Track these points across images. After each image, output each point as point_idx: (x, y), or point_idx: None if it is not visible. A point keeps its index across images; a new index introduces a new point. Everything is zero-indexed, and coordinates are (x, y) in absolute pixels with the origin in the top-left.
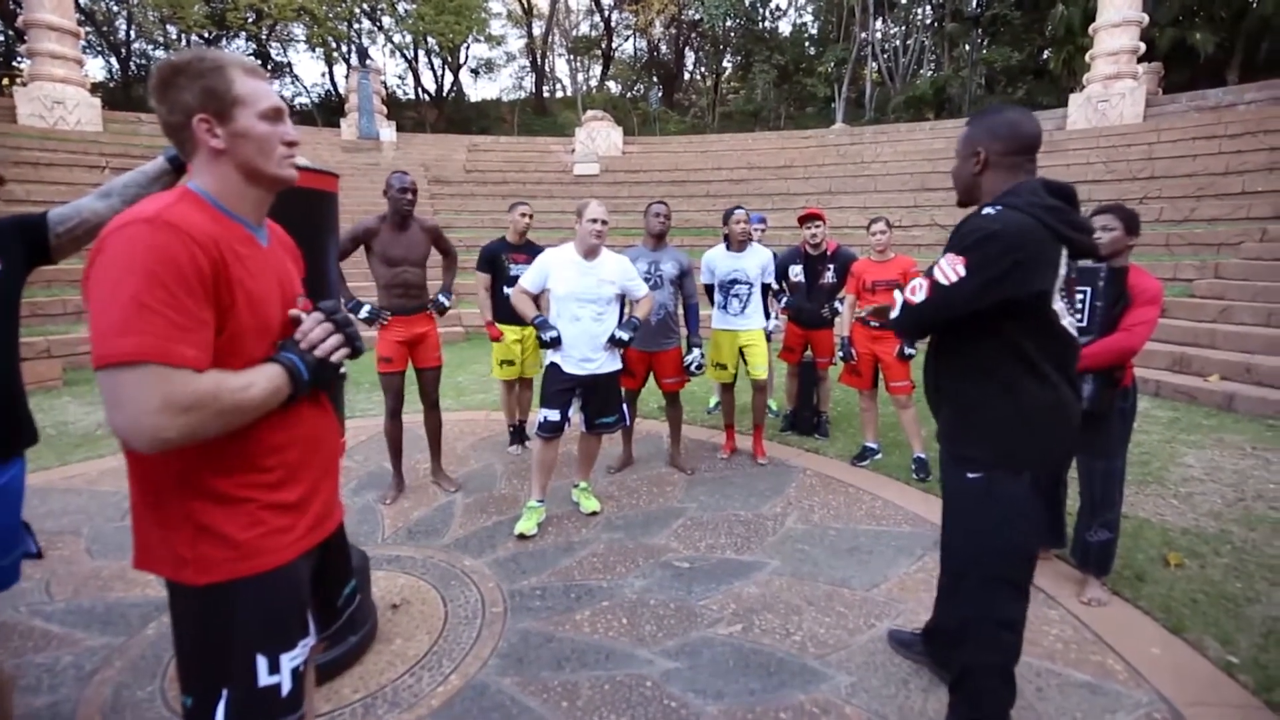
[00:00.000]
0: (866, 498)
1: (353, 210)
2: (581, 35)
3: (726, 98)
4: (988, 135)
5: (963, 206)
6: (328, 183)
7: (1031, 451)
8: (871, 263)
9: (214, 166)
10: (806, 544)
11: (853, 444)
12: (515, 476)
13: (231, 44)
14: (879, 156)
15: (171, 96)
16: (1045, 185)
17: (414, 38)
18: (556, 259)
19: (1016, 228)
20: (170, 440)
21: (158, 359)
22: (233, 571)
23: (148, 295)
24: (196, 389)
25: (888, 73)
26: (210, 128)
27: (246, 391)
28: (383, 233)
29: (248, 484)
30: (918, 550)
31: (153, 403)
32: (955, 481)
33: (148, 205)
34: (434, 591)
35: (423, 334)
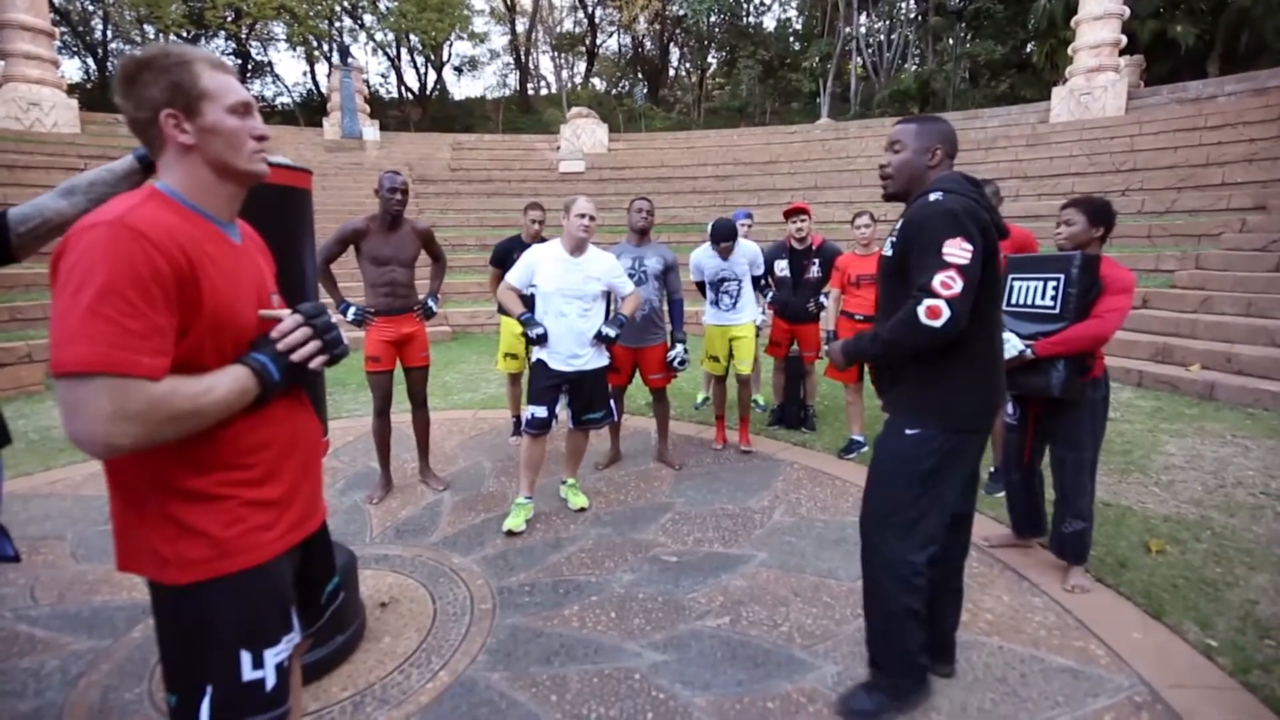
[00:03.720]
0: (853, 490)
1: (336, 210)
2: (565, 32)
3: (711, 94)
4: (942, 138)
5: (893, 199)
6: (301, 179)
7: (971, 410)
8: (856, 256)
9: (183, 163)
10: (794, 536)
11: (839, 437)
12: (503, 474)
13: (210, 43)
14: (864, 151)
15: (137, 92)
16: (964, 177)
17: (396, 36)
18: (543, 255)
19: (968, 206)
20: (123, 447)
21: (109, 369)
22: (214, 570)
23: (103, 304)
24: (149, 397)
25: (872, 67)
26: (178, 123)
27: (206, 395)
28: (372, 233)
29: (227, 481)
30: None
31: (104, 411)
32: (895, 439)
33: (113, 207)
34: (423, 590)
35: (410, 334)
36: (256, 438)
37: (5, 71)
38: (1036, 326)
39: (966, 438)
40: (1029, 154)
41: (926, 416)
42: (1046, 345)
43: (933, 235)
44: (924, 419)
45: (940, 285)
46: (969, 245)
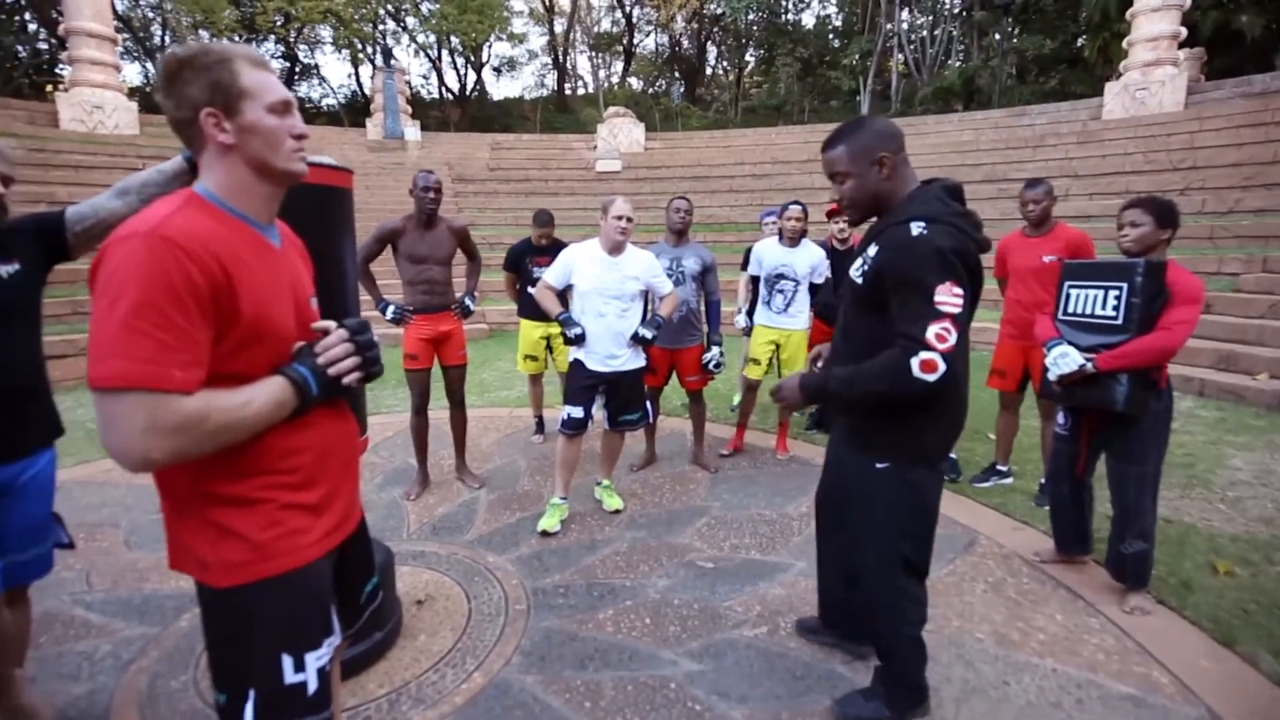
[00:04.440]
0: None
1: (378, 210)
2: (603, 31)
3: (749, 92)
4: (880, 140)
5: (861, 222)
6: (342, 179)
7: (941, 443)
8: None
9: (222, 163)
10: None
11: None
12: (538, 473)
13: (261, 47)
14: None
15: (178, 91)
16: (945, 190)
17: (437, 37)
18: (581, 254)
19: (956, 240)
20: (158, 461)
21: (144, 385)
22: (254, 573)
23: (137, 318)
24: (183, 411)
25: (914, 64)
26: (218, 122)
27: (244, 409)
28: (408, 232)
29: (265, 485)
30: (948, 553)
31: (138, 426)
32: (865, 471)
33: (149, 215)
34: (458, 588)
35: (448, 331)
36: (294, 443)
37: (72, 76)
38: (1097, 338)
39: (932, 472)
40: (1080, 152)
41: (892, 450)
42: (1109, 359)
43: (921, 278)
44: (889, 453)
45: (935, 338)
46: (960, 290)
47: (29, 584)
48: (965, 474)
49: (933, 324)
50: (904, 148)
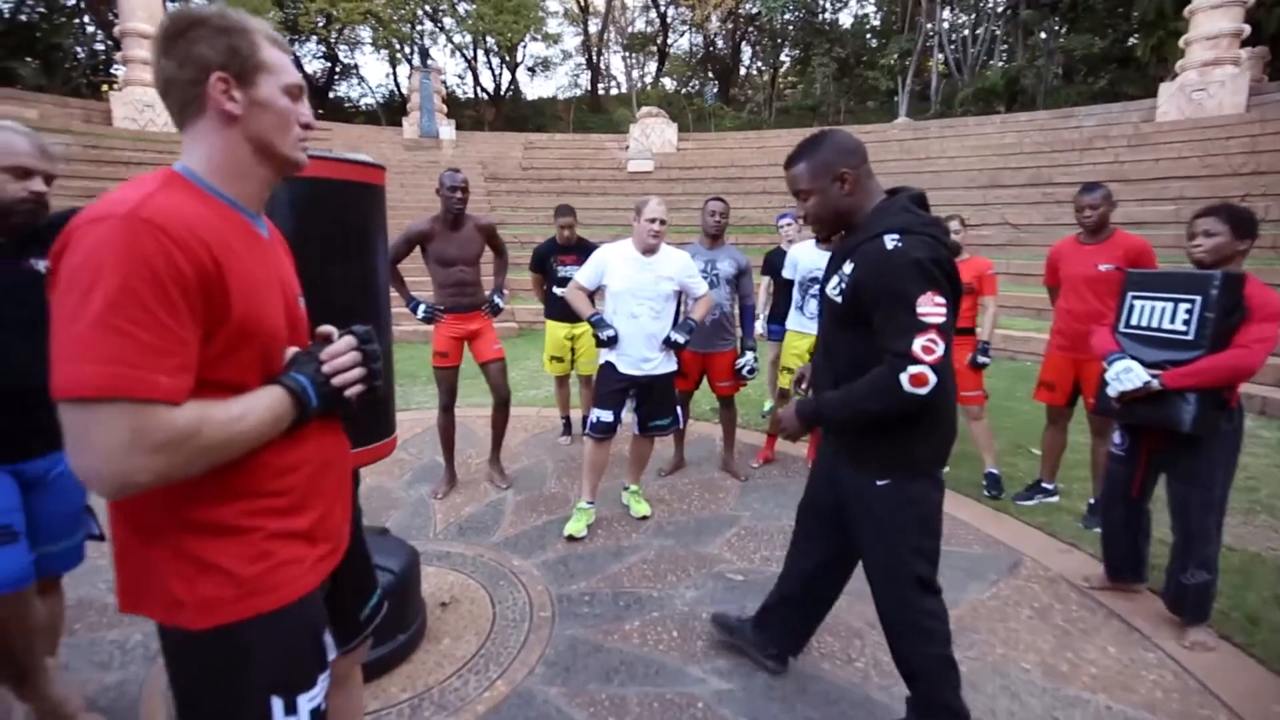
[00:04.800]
0: None
1: (412, 208)
2: (637, 32)
3: (784, 92)
4: (840, 155)
5: (829, 238)
6: (375, 175)
7: (935, 455)
8: None
9: (220, 136)
10: None
11: None
12: (565, 475)
13: (303, 48)
14: (945, 152)
15: (184, 49)
16: (911, 199)
17: (473, 37)
18: (613, 254)
19: (932, 250)
20: (141, 484)
21: (128, 394)
22: (239, 611)
23: (117, 314)
24: (173, 425)
25: (955, 64)
26: (228, 89)
27: (239, 423)
28: (436, 234)
29: (253, 511)
30: (990, 574)
31: (120, 442)
32: (865, 490)
33: (125, 195)
34: (483, 591)
35: (478, 329)
36: (285, 462)
37: (125, 76)
38: (1164, 354)
39: (931, 483)
40: (1131, 155)
41: (890, 466)
42: (1177, 376)
43: (902, 291)
44: (887, 469)
45: (923, 351)
46: (942, 300)
47: (61, 575)
48: (1008, 491)
49: (918, 336)
50: (866, 161)
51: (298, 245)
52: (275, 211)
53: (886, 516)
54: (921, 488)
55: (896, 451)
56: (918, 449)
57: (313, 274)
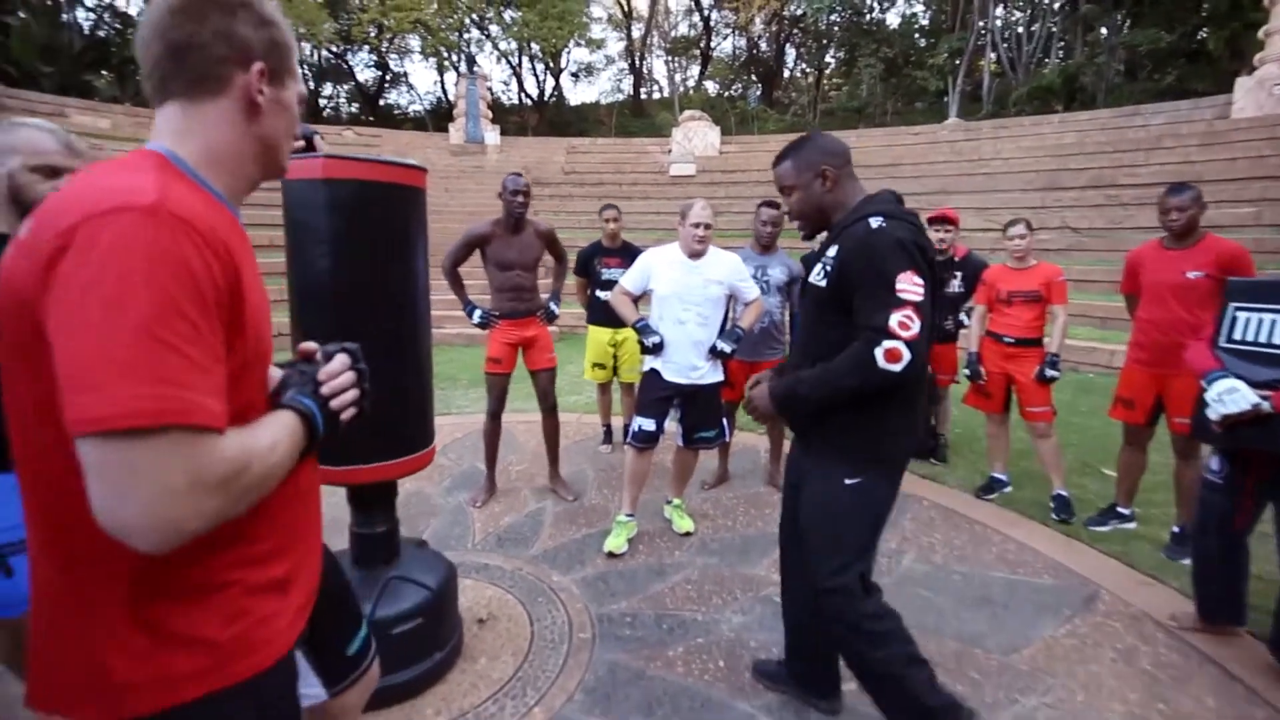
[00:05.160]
0: (996, 538)
1: (457, 211)
2: (680, 36)
3: (828, 94)
4: (823, 154)
5: (813, 235)
6: (417, 178)
7: (904, 451)
8: (1007, 270)
9: (233, 127)
10: (928, 589)
11: (974, 472)
12: (605, 486)
13: (355, 56)
14: (999, 153)
15: (222, 21)
16: (895, 196)
17: (519, 44)
18: (660, 258)
19: (913, 234)
20: (193, 532)
21: (185, 419)
22: (206, 685)
23: (163, 326)
24: (225, 457)
25: (1009, 62)
26: (262, 81)
27: (273, 455)
28: (496, 237)
29: (232, 563)
30: (1064, 609)
31: (179, 483)
32: (834, 490)
33: (131, 182)
34: (521, 608)
35: (533, 336)
36: (280, 496)
37: None
38: (1275, 372)
39: (896, 476)
40: (1203, 155)
41: (864, 463)
42: None
43: (881, 267)
44: (862, 466)
45: (899, 326)
46: (920, 280)
47: None
48: (1079, 515)
49: (895, 311)
50: (849, 163)
51: (338, 246)
52: (313, 212)
53: (844, 513)
54: (885, 487)
55: (866, 450)
56: (886, 442)
57: (353, 276)
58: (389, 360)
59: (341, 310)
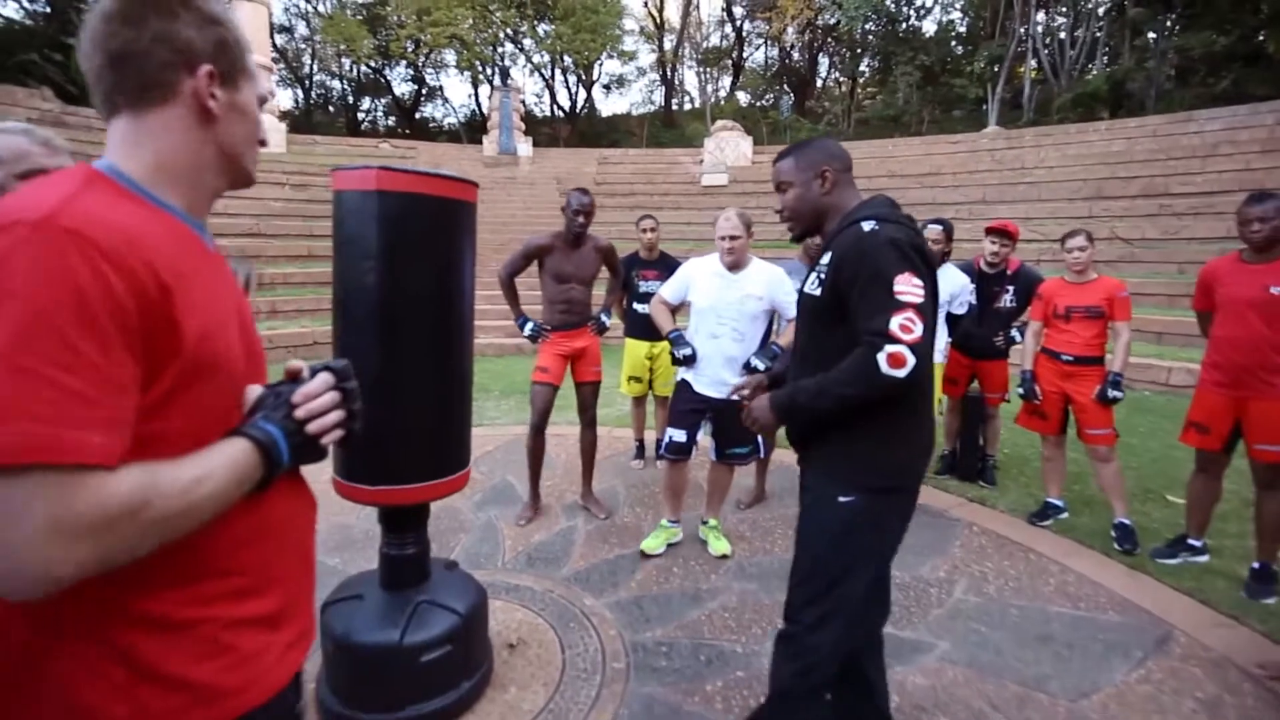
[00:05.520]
0: (1054, 568)
1: (490, 221)
2: (712, 47)
3: (863, 103)
4: (825, 157)
5: (804, 238)
6: (468, 192)
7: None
8: (1065, 284)
9: (187, 135)
10: (983, 624)
11: (1025, 495)
12: (638, 504)
13: (393, 71)
14: (1043, 161)
15: (162, 25)
16: (889, 201)
17: (552, 57)
18: (700, 269)
19: (910, 235)
20: (68, 577)
21: (46, 458)
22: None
23: (27, 351)
24: (110, 498)
25: (1051, 69)
26: (212, 84)
27: (195, 490)
28: (556, 250)
29: (201, 598)
30: (1135, 651)
31: (39, 526)
32: (827, 508)
33: (36, 196)
34: (552, 633)
35: (583, 348)
36: (244, 528)
37: None
38: None
39: (904, 496)
40: (1264, 161)
41: (861, 479)
42: None
43: (879, 270)
44: (859, 482)
45: (900, 329)
46: (919, 281)
47: None
48: (1143, 545)
49: (895, 315)
50: (850, 169)
51: (387, 260)
52: (364, 223)
53: (833, 534)
54: (886, 512)
55: (864, 467)
56: (887, 456)
57: (401, 291)
58: (433, 379)
59: (387, 326)
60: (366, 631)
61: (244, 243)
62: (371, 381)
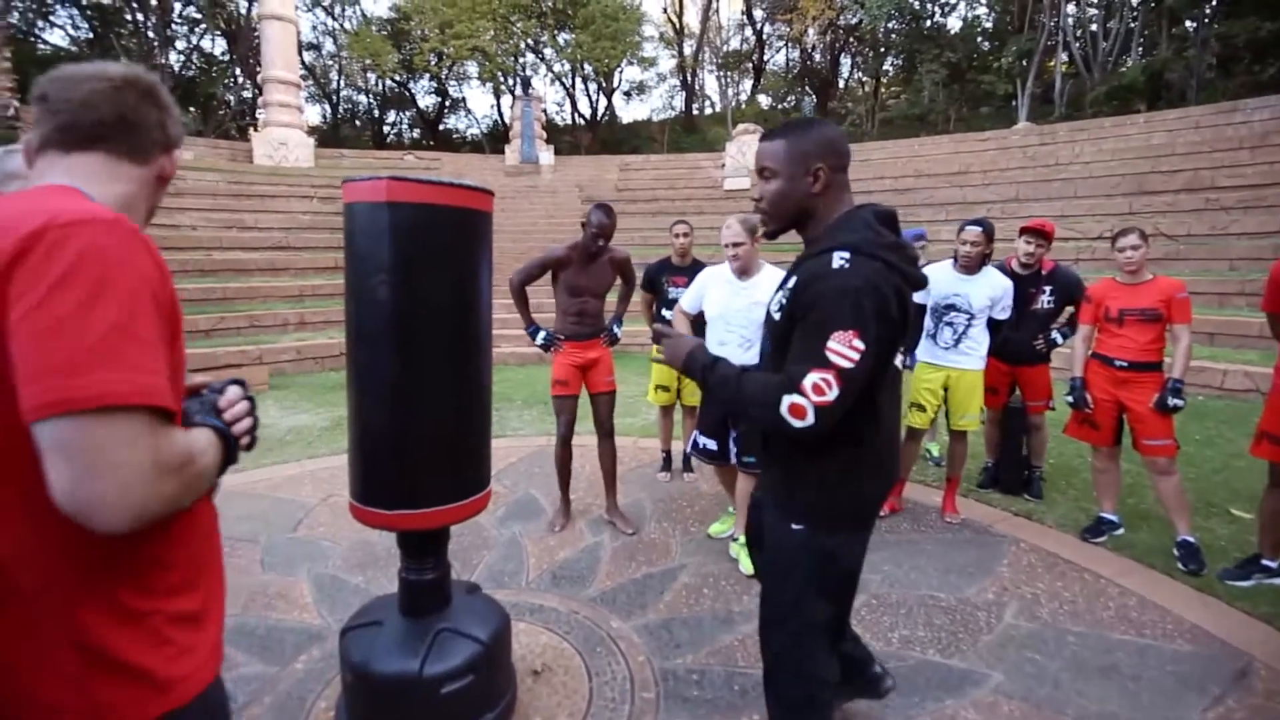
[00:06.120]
0: (1113, 590)
1: (511, 230)
2: (732, 50)
3: (887, 103)
4: (822, 150)
5: (777, 235)
6: (484, 201)
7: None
8: (1118, 285)
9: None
10: (1038, 652)
11: (1075, 509)
12: (665, 519)
13: (417, 84)
14: (1078, 156)
15: (162, 118)
16: (876, 216)
17: (572, 66)
18: (712, 277)
19: (876, 280)
20: (155, 515)
21: (150, 401)
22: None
23: (130, 320)
24: (180, 444)
25: (1083, 62)
26: (174, 163)
27: (206, 456)
28: (572, 262)
29: (152, 589)
30: (1210, 685)
31: (145, 461)
32: (780, 534)
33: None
34: (578, 659)
35: (595, 358)
36: (179, 522)
37: (265, 118)
38: None
39: (853, 535)
40: None
41: (807, 510)
42: None
43: (822, 317)
44: (805, 513)
45: (812, 388)
46: (860, 344)
47: None
48: (1210, 564)
49: (814, 371)
50: (846, 168)
51: (399, 274)
52: (375, 236)
53: (795, 561)
54: (840, 541)
55: (817, 495)
56: (841, 496)
57: (415, 306)
58: (451, 397)
59: (401, 341)
60: (385, 661)
61: (273, 255)
62: (386, 400)
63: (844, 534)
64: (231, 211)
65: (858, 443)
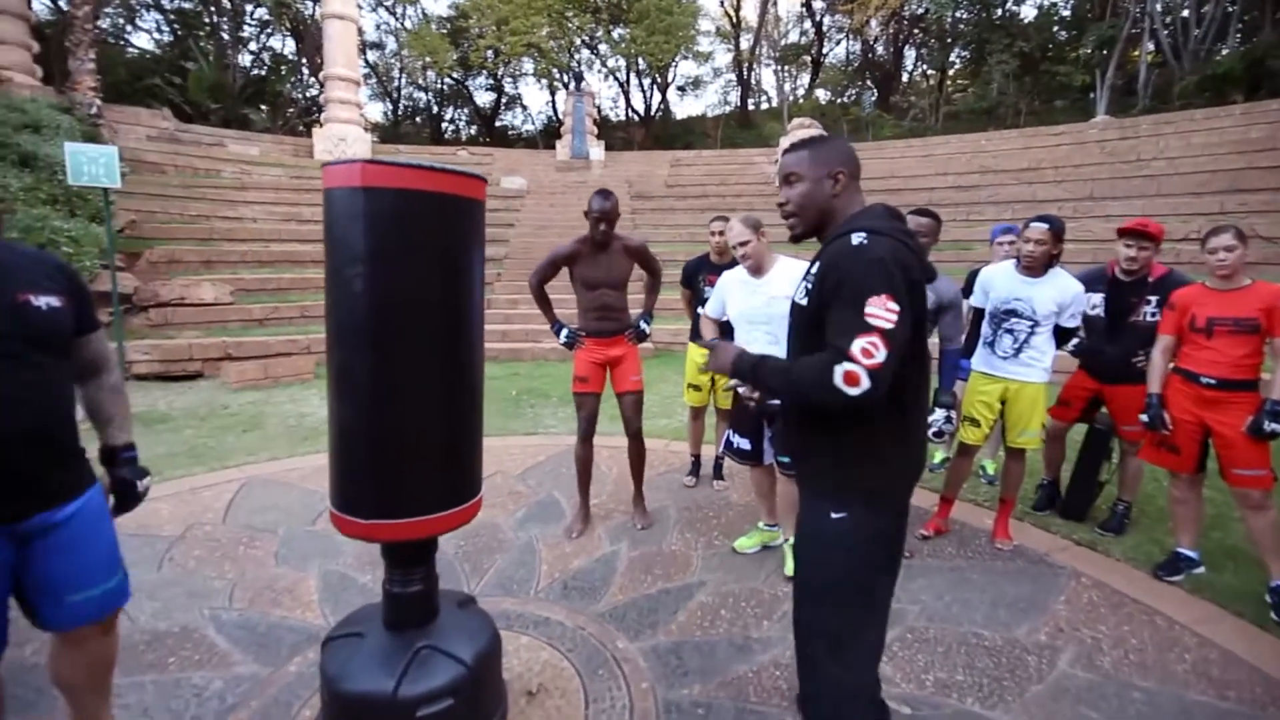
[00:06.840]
0: (1189, 640)
1: (561, 226)
2: (790, 44)
3: (952, 96)
4: (840, 157)
5: (802, 239)
6: (476, 188)
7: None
8: (1209, 291)
9: None
10: (1096, 709)
11: (1147, 540)
12: (688, 529)
13: (474, 81)
14: (1163, 152)
15: None
16: (887, 210)
17: (626, 61)
18: (730, 279)
19: (896, 252)
20: None
21: None
22: None
23: None
24: None
25: (1171, 50)
26: None
27: None
28: (583, 255)
29: None
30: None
31: None
32: (817, 523)
33: None
34: (577, 680)
35: (620, 356)
36: None
37: (326, 114)
38: None
39: (891, 511)
40: None
41: (851, 496)
42: None
43: (855, 288)
44: (849, 498)
45: (861, 353)
46: (895, 306)
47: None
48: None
49: (860, 337)
50: (858, 177)
51: (378, 267)
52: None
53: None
54: (879, 522)
55: (852, 480)
56: (876, 477)
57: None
58: (436, 399)
59: (380, 338)
60: (359, 678)
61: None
62: (363, 399)
63: (881, 515)
64: (291, 205)
65: (888, 424)
